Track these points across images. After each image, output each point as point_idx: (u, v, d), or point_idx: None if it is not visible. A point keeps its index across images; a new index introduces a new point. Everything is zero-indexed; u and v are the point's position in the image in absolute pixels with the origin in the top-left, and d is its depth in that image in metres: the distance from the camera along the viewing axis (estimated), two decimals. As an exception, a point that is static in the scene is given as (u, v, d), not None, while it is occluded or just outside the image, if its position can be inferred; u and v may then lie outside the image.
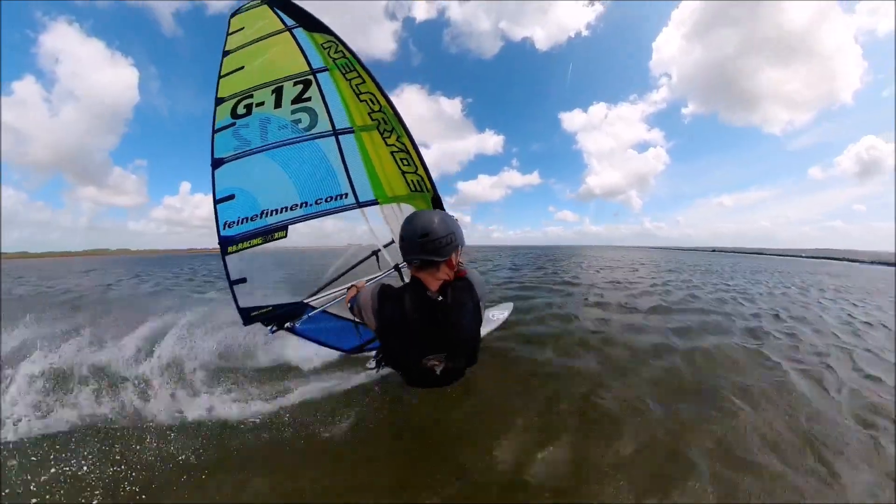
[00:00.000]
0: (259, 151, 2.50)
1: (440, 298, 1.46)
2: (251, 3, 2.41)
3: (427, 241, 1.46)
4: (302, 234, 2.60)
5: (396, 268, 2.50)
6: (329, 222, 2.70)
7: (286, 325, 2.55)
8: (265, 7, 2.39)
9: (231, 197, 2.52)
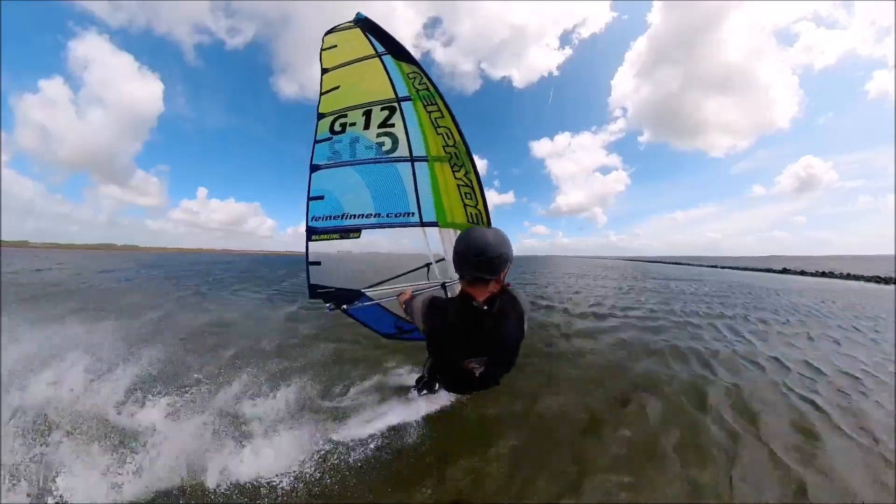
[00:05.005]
0: (347, 165, 2.91)
1: (485, 308, 1.57)
2: (345, 24, 2.54)
3: (482, 260, 1.52)
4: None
5: (443, 286, 2.94)
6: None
7: (342, 307, 3.08)
8: (357, 30, 2.51)
9: (321, 197, 3.05)
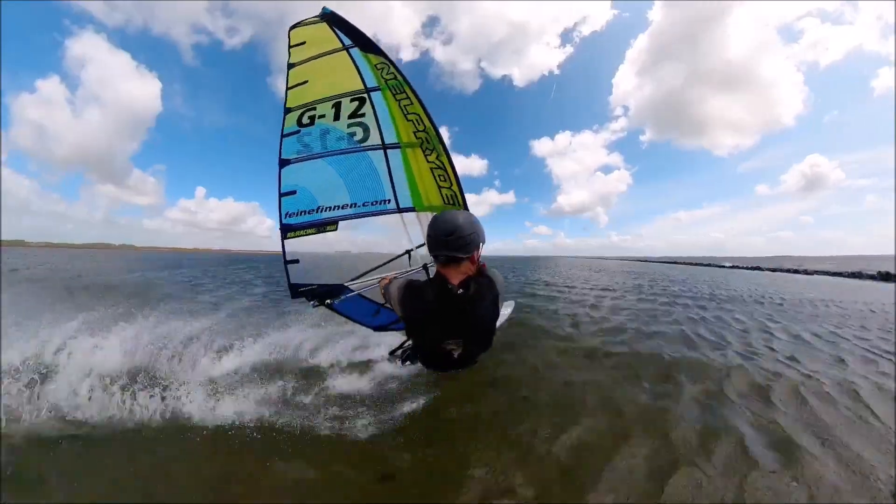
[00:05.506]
0: (319, 157, 2.92)
1: (461, 291, 1.61)
2: (311, 18, 2.63)
3: (452, 239, 1.57)
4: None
5: (424, 267, 3.01)
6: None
7: (326, 302, 2.97)
8: (324, 24, 2.61)
9: (293, 192, 3.00)
